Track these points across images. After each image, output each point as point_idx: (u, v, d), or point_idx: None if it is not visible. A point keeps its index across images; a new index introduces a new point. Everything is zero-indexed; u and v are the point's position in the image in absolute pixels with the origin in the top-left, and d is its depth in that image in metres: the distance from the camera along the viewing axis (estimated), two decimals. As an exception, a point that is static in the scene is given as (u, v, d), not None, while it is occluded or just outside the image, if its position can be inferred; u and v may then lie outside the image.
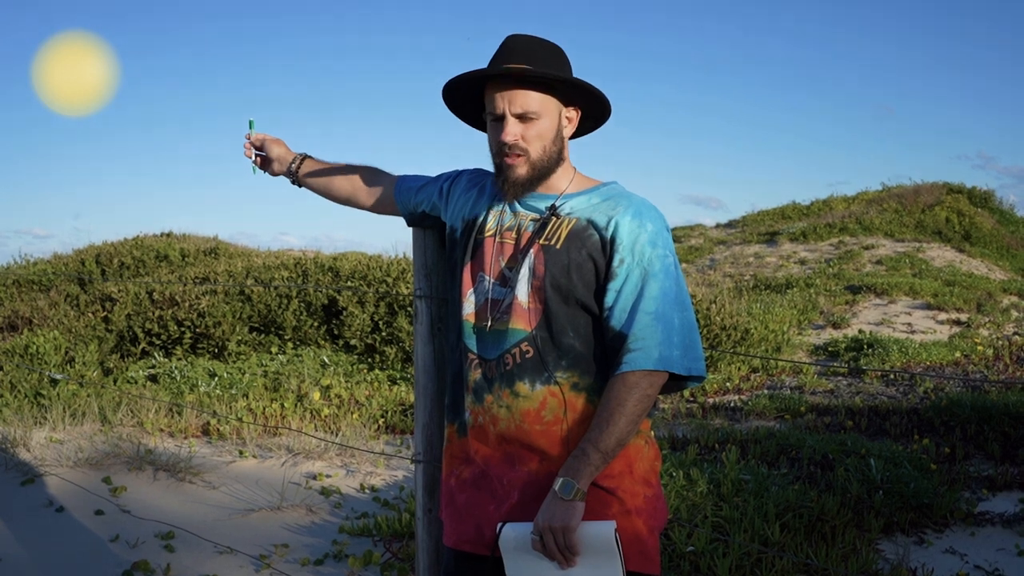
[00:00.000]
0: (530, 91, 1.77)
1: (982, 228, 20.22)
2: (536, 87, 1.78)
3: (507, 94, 1.78)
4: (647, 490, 1.80)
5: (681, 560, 3.31)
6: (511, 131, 1.78)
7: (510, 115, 1.78)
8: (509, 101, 1.77)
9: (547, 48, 1.81)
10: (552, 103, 1.80)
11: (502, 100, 1.78)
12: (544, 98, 1.79)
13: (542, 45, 1.81)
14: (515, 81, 1.77)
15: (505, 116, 1.78)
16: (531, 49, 1.79)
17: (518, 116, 1.78)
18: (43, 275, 11.54)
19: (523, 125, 1.78)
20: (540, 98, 1.78)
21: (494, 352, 1.81)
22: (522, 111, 1.77)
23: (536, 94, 1.78)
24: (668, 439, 5.42)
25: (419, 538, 2.25)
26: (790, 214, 23.63)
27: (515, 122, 1.78)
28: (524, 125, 1.78)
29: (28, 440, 4.87)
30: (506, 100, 1.77)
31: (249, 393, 6.77)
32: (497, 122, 1.80)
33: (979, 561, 3.62)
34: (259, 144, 2.25)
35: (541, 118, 1.79)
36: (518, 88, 1.77)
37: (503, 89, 1.78)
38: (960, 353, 9.40)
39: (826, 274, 15.87)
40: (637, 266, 1.74)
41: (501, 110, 1.78)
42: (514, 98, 1.77)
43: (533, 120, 1.78)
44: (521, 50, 1.79)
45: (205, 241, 14.08)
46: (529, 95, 1.77)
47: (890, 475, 4.20)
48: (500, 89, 1.78)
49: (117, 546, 3.64)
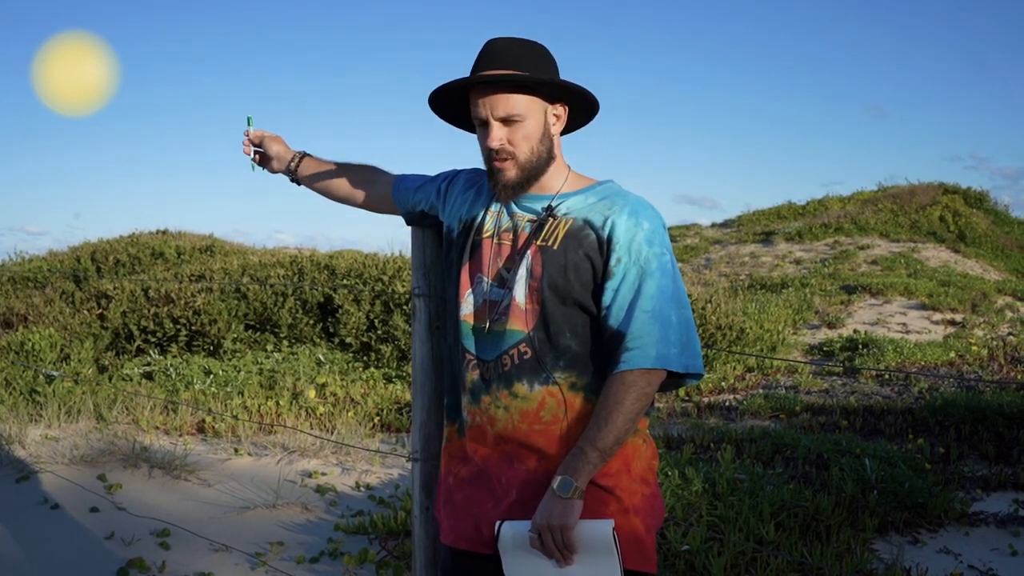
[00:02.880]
0: (512, 94, 1.76)
1: (977, 229, 20.27)
2: (518, 89, 1.77)
3: (489, 100, 1.77)
4: (645, 489, 1.80)
5: (676, 559, 3.32)
6: (496, 136, 1.77)
7: (494, 120, 1.77)
8: (491, 107, 1.77)
9: (528, 49, 1.80)
10: (536, 103, 1.79)
11: (484, 107, 1.77)
12: (527, 99, 1.78)
13: (522, 46, 1.80)
14: (496, 86, 1.76)
15: (489, 122, 1.78)
16: (511, 52, 1.78)
17: (502, 120, 1.77)
18: (39, 272, 11.51)
19: (508, 128, 1.78)
20: (523, 100, 1.77)
21: (492, 353, 1.81)
22: (505, 115, 1.77)
23: (518, 96, 1.77)
24: (664, 438, 5.43)
25: (416, 536, 2.25)
26: (786, 214, 23.67)
27: (499, 126, 1.78)
28: (509, 128, 1.78)
29: (23, 437, 4.86)
30: (488, 106, 1.77)
31: (245, 391, 6.76)
32: (483, 128, 1.80)
33: (973, 561, 3.64)
34: (258, 141, 2.25)
35: (526, 119, 1.78)
36: (499, 92, 1.76)
37: (485, 95, 1.77)
38: (955, 353, 9.42)
39: (821, 274, 15.91)
40: (634, 265, 1.74)
41: (485, 116, 1.78)
42: (496, 103, 1.77)
43: (518, 122, 1.77)
44: (501, 54, 1.77)
45: (201, 239, 14.04)
46: (511, 98, 1.77)
47: (885, 475, 4.21)
48: (482, 95, 1.77)
49: (112, 543, 3.64)
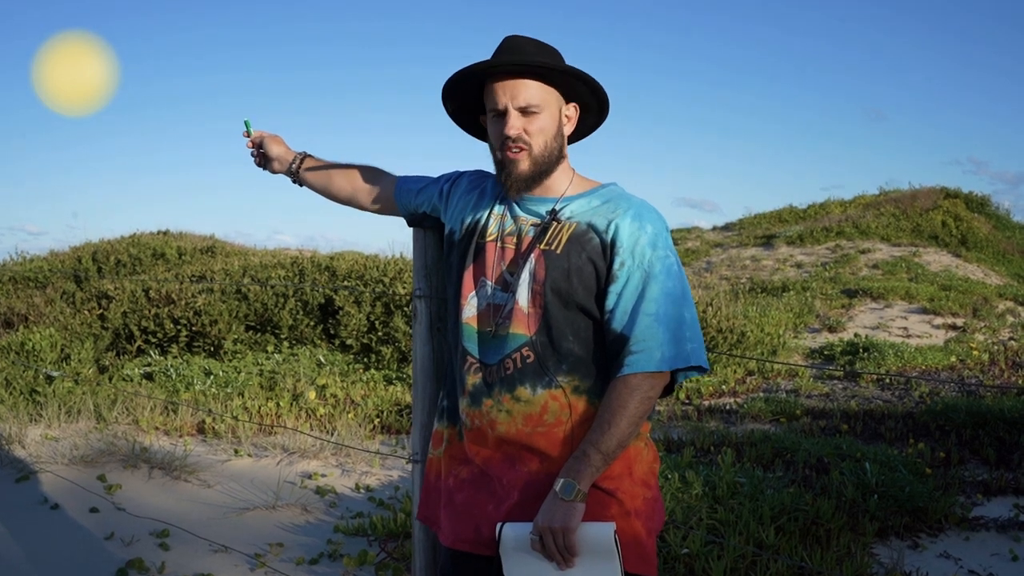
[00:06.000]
0: (532, 84, 1.78)
1: (978, 233, 20.24)
2: (538, 80, 1.79)
3: (509, 87, 1.78)
4: (646, 492, 1.80)
5: (676, 562, 3.31)
6: (513, 124, 1.78)
7: (512, 109, 1.78)
8: (512, 95, 1.78)
9: (545, 47, 1.83)
10: (553, 96, 1.81)
11: (504, 94, 1.78)
12: (545, 91, 1.80)
13: (540, 45, 1.83)
14: (517, 75, 1.78)
15: (508, 110, 1.79)
16: (531, 47, 1.80)
17: (520, 110, 1.78)
18: (39, 272, 11.52)
19: (525, 119, 1.79)
20: (541, 91, 1.79)
21: (495, 357, 1.80)
22: (525, 104, 1.78)
23: (537, 86, 1.79)
24: (664, 441, 5.42)
25: (415, 537, 2.25)
26: (787, 217, 23.65)
27: (517, 115, 1.79)
28: (526, 119, 1.79)
29: (23, 437, 4.86)
30: (508, 94, 1.78)
31: (245, 392, 6.76)
32: (499, 117, 1.81)
33: (973, 566, 3.63)
34: (258, 142, 2.26)
35: (543, 112, 1.79)
36: (520, 80, 1.78)
37: (504, 83, 1.78)
38: (956, 358, 9.40)
39: (822, 278, 15.89)
40: (638, 268, 1.74)
41: (503, 104, 1.79)
42: (517, 91, 1.78)
43: (535, 114, 1.79)
44: (521, 48, 1.80)
45: (202, 239, 14.06)
46: (531, 87, 1.78)
47: (885, 479, 4.20)
48: (502, 84, 1.79)
49: (112, 544, 3.63)
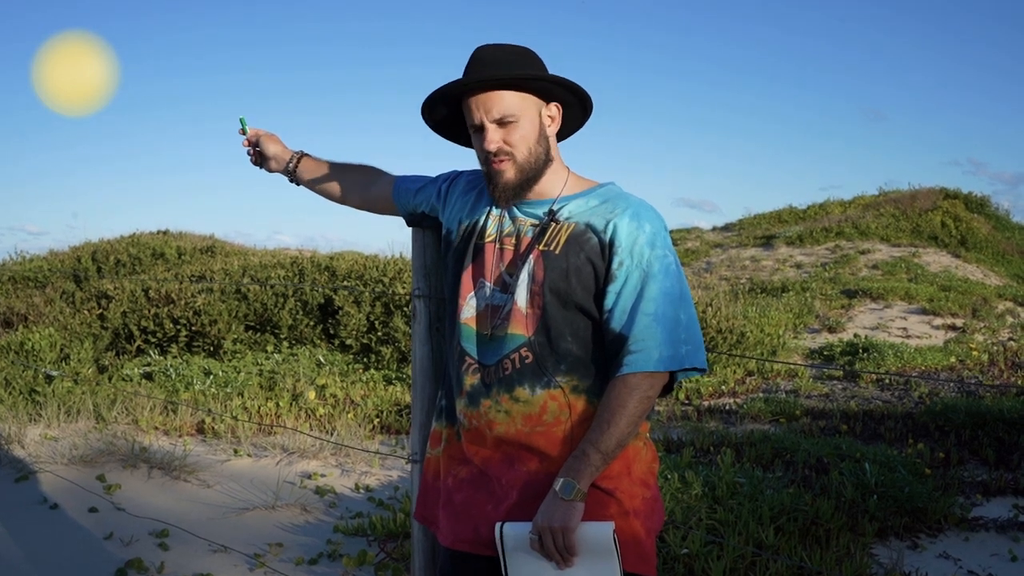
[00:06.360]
0: (504, 95, 1.76)
1: (978, 234, 20.24)
2: (510, 89, 1.76)
3: (482, 102, 1.76)
4: (645, 491, 1.80)
5: (675, 562, 3.31)
6: (492, 138, 1.77)
7: (488, 123, 1.77)
8: (485, 109, 1.76)
9: (516, 53, 1.80)
10: (530, 101, 1.79)
11: (478, 109, 1.77)
12: (521, 98, 1.78)
13: (510, 51, 1.79)
14: (488, 88, 1.76)
15: (484, 125, 1.77)
16: (500, 56, 1.78)
17: (497, 122, 1.77)
18: (39, 272, 11.52)
19: (504, 130, 1.77)
20: (516, 100, 1.77)
21: (493, 358, 1.80)
22: (500, 116, 1.76)
23: (511, 96, 1.76)
24: (663, 441, 5.42)
25: (415, 538, 2.25)
26: (786, 218, 23.63)
27: (495, 128, 1.77)
28: (505, 130, 1.77)
29: (23, 437, 4.86)
30: (482, 108, 1.76)
31: (244, 392, 6.76)
32: (479, 133, 1.79)
33: (973, 566, 3.63)
34: (254, 140, 2.25)
35: (521, 119, 1.77)
36: (492, 92, 1.76)
37: (477, 99, 1.77)
38: (955, 358, 9.41)
39: (822, 278, 15.89)
40: (636, 268, 1.74)
41: (479, 119, 1.77)
42: (490, 104, 1.76)
43: (513, 123, 1.77)
44: (490, 59, 1.77)
45: (202, 239, 14.05)
46: (505, 98, 1.76)
47: (884, 479, 4.20)
48: (475, 99, 1.77)
49: (111, 544, 3.63)
